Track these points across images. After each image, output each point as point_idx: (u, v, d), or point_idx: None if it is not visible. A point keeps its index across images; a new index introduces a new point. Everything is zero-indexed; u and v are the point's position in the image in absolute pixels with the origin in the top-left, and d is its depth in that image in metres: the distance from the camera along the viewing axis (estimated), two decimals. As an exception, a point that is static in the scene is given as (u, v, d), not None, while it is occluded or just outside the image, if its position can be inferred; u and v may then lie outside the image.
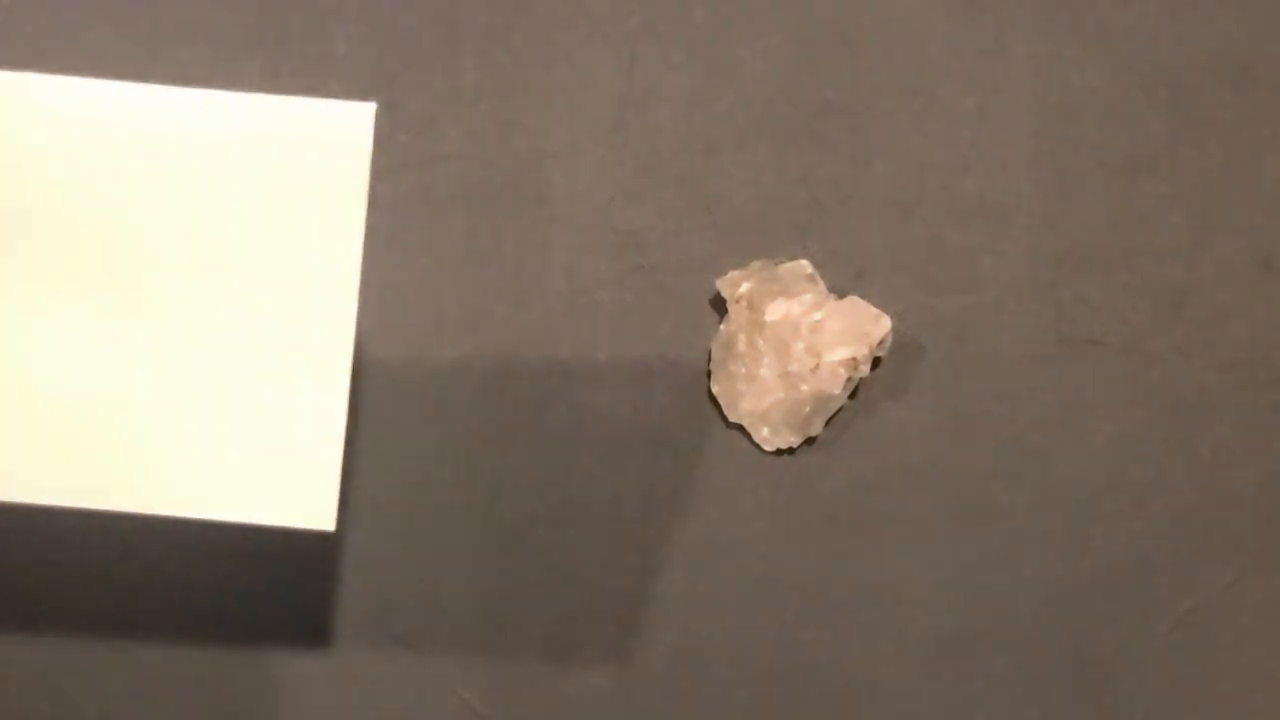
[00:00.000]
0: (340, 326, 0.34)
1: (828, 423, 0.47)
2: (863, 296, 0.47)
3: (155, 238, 0.34)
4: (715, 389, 0.47)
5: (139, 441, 0.34)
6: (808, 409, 0.46)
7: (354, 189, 0.35)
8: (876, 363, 0.47)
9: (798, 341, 0.45)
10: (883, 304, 0.47)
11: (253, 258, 0.34)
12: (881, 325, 0.46)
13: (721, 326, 0.47)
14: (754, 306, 0.46)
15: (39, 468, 0.33)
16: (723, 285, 0.47)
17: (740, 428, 0.47)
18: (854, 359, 0.45)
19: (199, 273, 0.34)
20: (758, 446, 0.47)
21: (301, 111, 0.35)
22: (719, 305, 0.47)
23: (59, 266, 0.34)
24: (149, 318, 0.34)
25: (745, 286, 0.46)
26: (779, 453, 0.47)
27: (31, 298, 0.34)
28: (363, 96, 0.47)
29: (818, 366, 0.45)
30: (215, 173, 0.34)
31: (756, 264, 0.47)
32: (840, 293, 0.47)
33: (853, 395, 0.47)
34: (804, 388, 0.46)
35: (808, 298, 0.46)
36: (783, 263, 0.46)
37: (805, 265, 0.46)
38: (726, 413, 0.47)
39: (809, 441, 0.47)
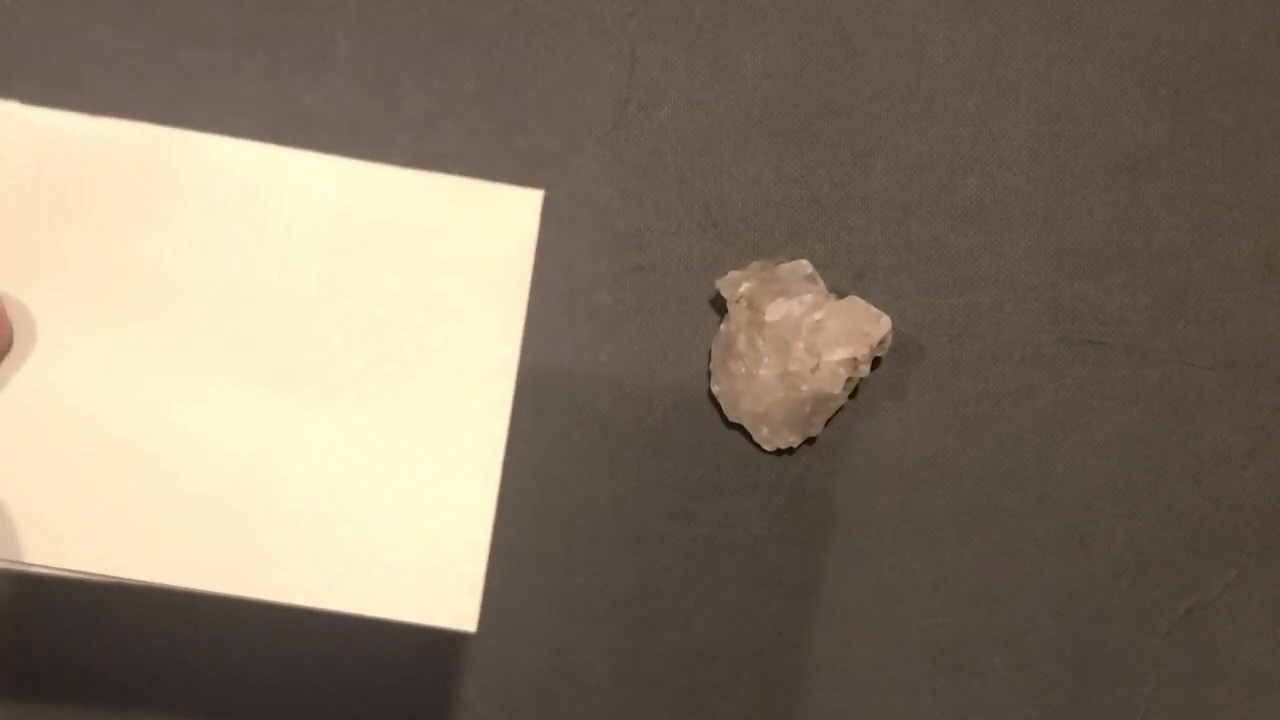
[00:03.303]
0: (494, 421, 0.33)
1: (828, 423, 0.47)
2: (863, 296, 0.47)
3: (311, 314, 0.33)
4: (715, 389, 0.47)
5: (281, 527, 0.32)
6: (808, 409, 0.46)
7: (517, 277, 0.33)
8: (876, 363, 0.47)
9: (798, 341, 0.45)
10: (883, 304, 0.47)
11: (409, 341, 0.33)
12: (881, 325, 0.46)
13: (721, 326, 0.47)
14: (754, 306, 0.46)
15: (178, 548, 0.32)
16: (723, 285, 0.47)
17: (740, 428, 0.47)
18: (854, 359, 0.45)
19: (353, 353, 0.33)
20: (758, 446, 0.47)
21: (470, 192, 0.33)
22: (719, 305, 0.47)
23: (209, 338, 0.33)
24: (300, 397, 0.33)
25: (745, 286, 0.46)
26: (779, 453, 0.47)
27: (179, 370, 0.32)
28: (363, 97, 0.47)
29: (818, 366, 0.45)
30: (376, 251, 0.33)
31: (756, 264, 0.47)
32: (840, 293, 0.47)
33: (853, 395, 0.47)
34: (804, 388, 0.46)
35: (808, 298, 0.46)
36: (783, 263, 0.46)
37: (805, 265, 0.46)
38: (726, 413, 0.47)
39: (809, 441, 0.47)
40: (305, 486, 0.33)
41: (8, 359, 0.32)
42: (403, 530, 0.33)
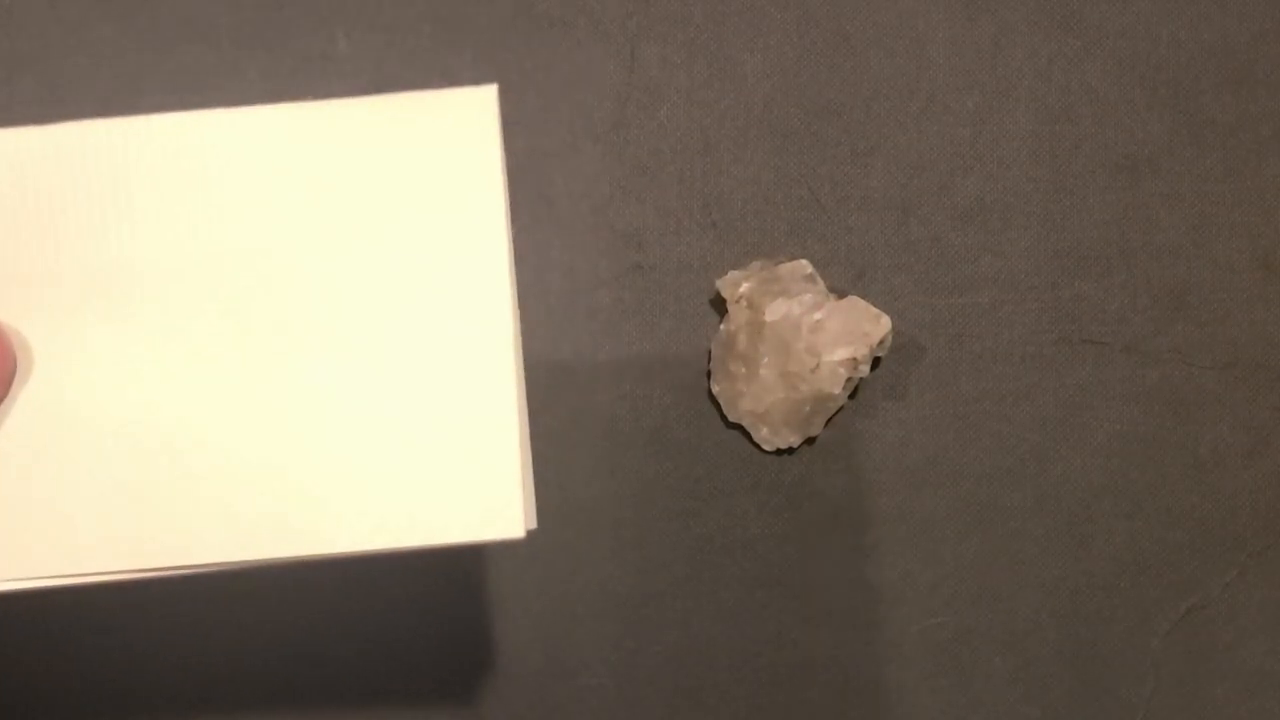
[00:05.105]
0: (499, 324, 0.32)
1: (828, 423, 0.47)
2: (863, 296, 0.47)
3: (299, 266, 0.32)
4: (715, 389, 0.47)
5: (314, 481, 0.32)
6: (808, 409, 0.46)
7: (490, 176, 0.33)
8: (876, 363, 0.47)
9: (798, 341, 0.45)
10: (883, 304, 0.47)
11: (400, 268, 0.33)
12: (881, 325, 0.46)
13: (721, 326, 0.47)
14: (754, 306, 0.46)
15: (218, 528, 0.31)
16: (723, 285, 0.47)
17: (740, 428, 0.47)
18: (854, 359, 0.45)
19: (349, 294, 0.33)
20: (758, 446, 0.47)
21: (423, 104, 0.33)
22: (719, 305, 0.47)
23: (207, 316, 0.32)
24: (308, 350, 0.32)
25: (745, 286, 0.46)
26: (779, 453, 0.47)
27: (185, 354, 0.32)
28: (363, 96, 0.47)
29: (818, 366, 0.45)
30: (346, 187, 0.33)
31: (756, 264, 0.47)
32: (840, 293, 0.47)
33: (853, 395, 0.47)
34: (804, 388, 0.46)
35: (808, 298, 0.46)
36: (783, 263, 0.46)
37: (805, 265, 0.46)
38: (726, 413, 0.47)
39: (809, 441, 0.47)
40: (330, 436, 0.32)
41: (15, 383, 0.32)
42: (433, 457, 0.32)
